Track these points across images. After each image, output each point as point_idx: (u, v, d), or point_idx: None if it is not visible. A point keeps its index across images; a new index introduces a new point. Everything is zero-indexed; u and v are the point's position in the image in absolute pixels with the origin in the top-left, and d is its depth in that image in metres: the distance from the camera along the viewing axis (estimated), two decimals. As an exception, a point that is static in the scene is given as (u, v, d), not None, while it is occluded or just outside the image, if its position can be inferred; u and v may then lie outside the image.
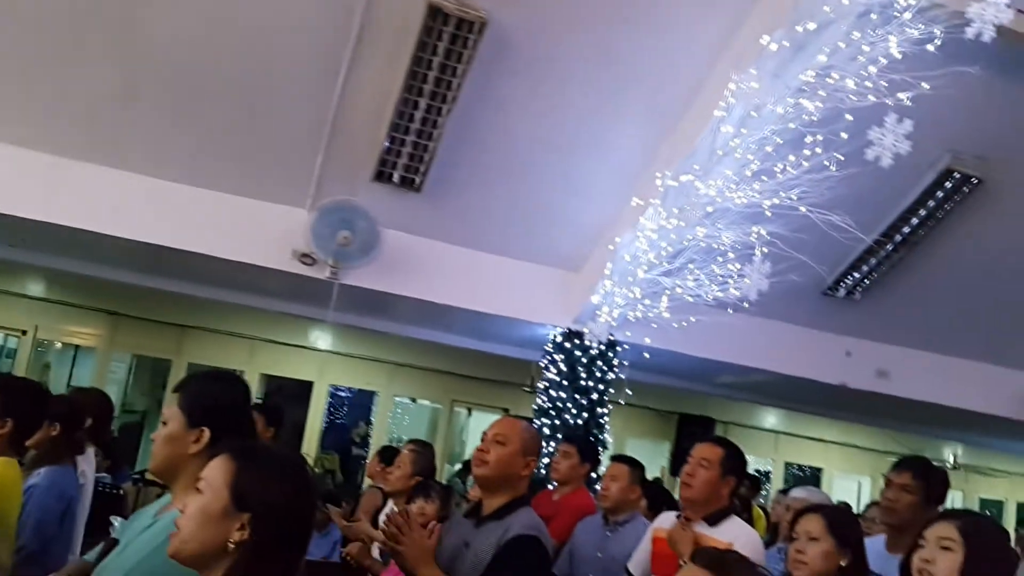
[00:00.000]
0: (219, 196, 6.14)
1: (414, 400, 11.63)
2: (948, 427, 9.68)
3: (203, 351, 9.58)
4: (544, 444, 6.61)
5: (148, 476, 5.70)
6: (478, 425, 11.45)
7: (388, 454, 5.11)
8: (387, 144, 5.78)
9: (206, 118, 5.77)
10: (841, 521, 2.60)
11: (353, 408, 12.11)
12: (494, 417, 11.21)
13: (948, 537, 2.03)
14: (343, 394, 11.85)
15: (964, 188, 6.27)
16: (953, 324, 7.54)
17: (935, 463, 3.43)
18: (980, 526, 2.08)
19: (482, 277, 6.70)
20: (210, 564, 1.48)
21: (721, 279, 6.06)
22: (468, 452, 11.70)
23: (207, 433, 1.96)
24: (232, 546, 1.46)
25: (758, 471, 11.29)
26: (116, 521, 2.85)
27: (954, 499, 11.09)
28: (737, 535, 2.94)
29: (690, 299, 6.21)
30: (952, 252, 6.85)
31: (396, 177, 6.01)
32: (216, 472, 1.52)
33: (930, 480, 3.19)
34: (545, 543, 2.51)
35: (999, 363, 7.92)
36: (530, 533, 2.44)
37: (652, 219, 5.79)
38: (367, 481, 6.91)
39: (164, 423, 2.00)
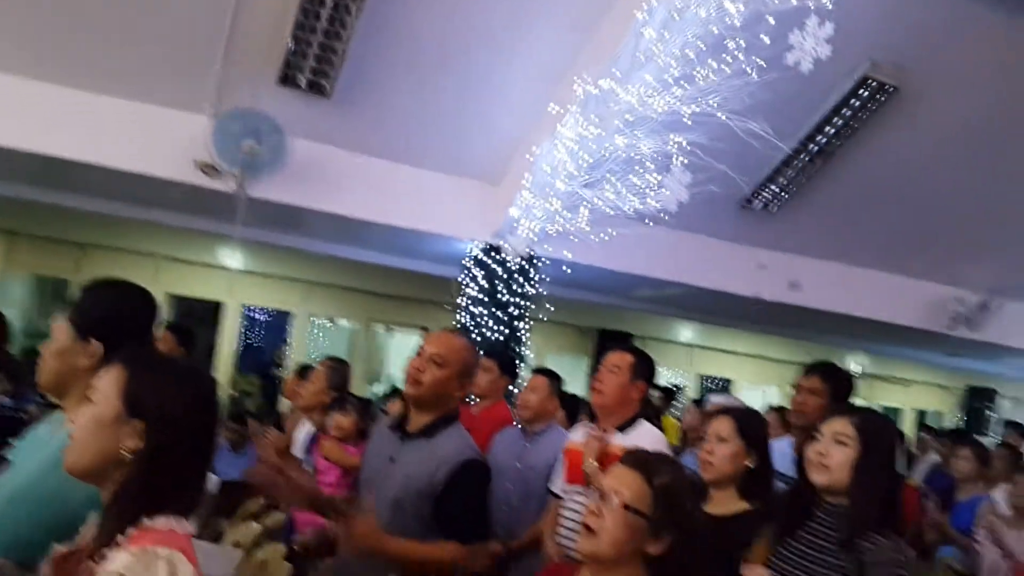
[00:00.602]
0: (112, 101, 5.70)
1: (332, 320, 11.43)
2: (855, 337, 10.05)
3: (104, 270, 9.10)
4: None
5: (52, 399, 5.42)
6: (398, 345, 11.36)
7: (306, 372, 4.98)
8: (292, 45, 5.43)
9: (94, 15, 5.30)
10: (750, 424, 2.64)
11: (270, 330, 11.85)
12: (414, 336, 11.09)
13: (844, 432, 2.11)
14: (258, 315, 11.55)
15: (880, 97, 6.28)
16: (863, 235, 7.71)
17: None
18: (874, 423, 2.15)
19: (398, 189, 6.48)
20: (107, 476, 1.44)
21: (640, 190, 6.01)
22: (388, 372, 11.62)
23: (98, 346, 1.84)
24: (127, 455, 1.41)
25: (675, 386, 11.60)
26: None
27: (857, 406, 11.57)
28: (643, 436, 3.00)
29: (610, 211, 6.13)
30: (865, 163, 6.93)
31: (303, 81, 5.68)
32: (107, 379, 1.47)
33: (837, 382, 3.30)
34: (485, 461, 2.51)
35: (906, 274, 8.18)
36: (473, 457, 2.43)
37: (571, 128, 5.65)
38: (286, 403, 6.76)
39: (54, 337, 1.88)
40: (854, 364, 11.91)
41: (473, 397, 4.44)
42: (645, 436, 3.00)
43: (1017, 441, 6.99)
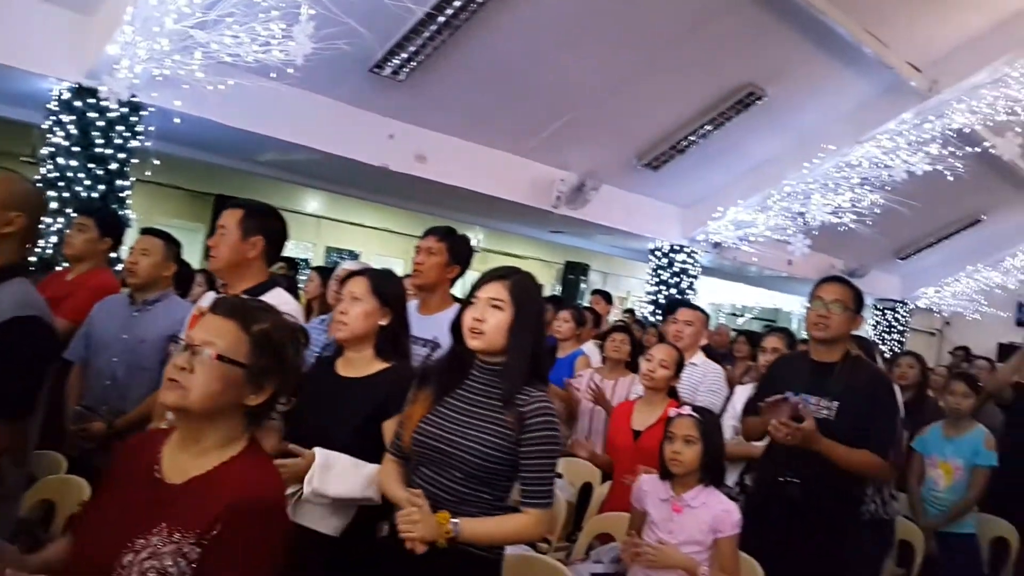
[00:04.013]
0: None
1: None
2: (473, 212, 10.58)
3: None
4: (52, 219, 5.67)
5: None
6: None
7: None
8: None
9: None
10: (383, 283, 2.61)
11: None
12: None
13: (498, 297, 2.17)
14: None
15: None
16: (485, 113, 7.98)
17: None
18: (524, 285, 2.23)
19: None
20: None
21: (264, 40, 5.54)
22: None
23: None
24: None
25: (307, 261, 11.36)
26: None
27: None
28: (276, 304, 2.80)
29: (228, 59, 5.59)
30: (490, 41, 7.06)
31: None
32: None
33: (454, 243, 3.36)
34: (48, 322, 2.16)
35: (521, 153, 8.70)
36: (33, 314, 2.08)
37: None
38: None
39: None
40: (472, 238, 12.62)
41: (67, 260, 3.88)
42: (279, 303, 2.80)
43: (602, 306, 7.98)
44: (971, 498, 4.35)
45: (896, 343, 14.34)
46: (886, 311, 14.60)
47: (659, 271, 11.19)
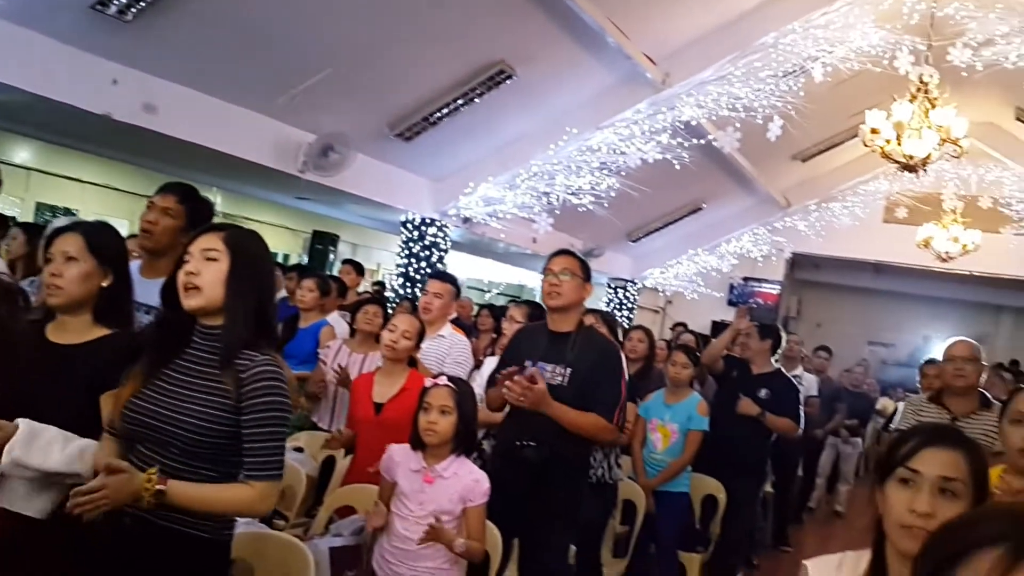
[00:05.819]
0: None
1: None
2: (211, 172, 9.88)
3: None
4: None
5: None
6: None
7: None
8: None
9: None
10: (102, 239, 2.38)
11: None
12: None
13: (213, 248, 2.02)
14: None
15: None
16: (227, 66, 7.42)
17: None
18: (243, 235, 2.11)
19: None
20: None
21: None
22: None
23: None
24: None
25: (14, 218, 9.97)
26: None
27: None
28: None
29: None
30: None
31: None
32: None
33: (195, 205, 3.24)
34: None
35: (266, 112, 8.20)
36: None
37: None
38: None
39: None
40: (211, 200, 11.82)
41: None
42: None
43: (352, 277, 7.84)
44: (684, 459, 4.77)
45: (626, 319, 15.49)
46: (618, 289, 15.68)
47: (410, 244, 11.15)
